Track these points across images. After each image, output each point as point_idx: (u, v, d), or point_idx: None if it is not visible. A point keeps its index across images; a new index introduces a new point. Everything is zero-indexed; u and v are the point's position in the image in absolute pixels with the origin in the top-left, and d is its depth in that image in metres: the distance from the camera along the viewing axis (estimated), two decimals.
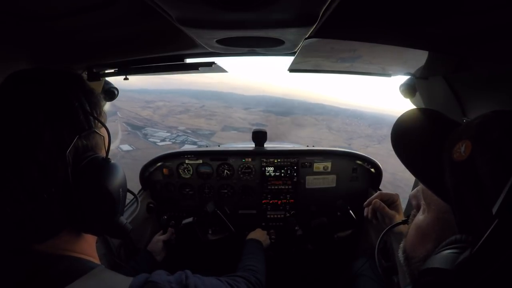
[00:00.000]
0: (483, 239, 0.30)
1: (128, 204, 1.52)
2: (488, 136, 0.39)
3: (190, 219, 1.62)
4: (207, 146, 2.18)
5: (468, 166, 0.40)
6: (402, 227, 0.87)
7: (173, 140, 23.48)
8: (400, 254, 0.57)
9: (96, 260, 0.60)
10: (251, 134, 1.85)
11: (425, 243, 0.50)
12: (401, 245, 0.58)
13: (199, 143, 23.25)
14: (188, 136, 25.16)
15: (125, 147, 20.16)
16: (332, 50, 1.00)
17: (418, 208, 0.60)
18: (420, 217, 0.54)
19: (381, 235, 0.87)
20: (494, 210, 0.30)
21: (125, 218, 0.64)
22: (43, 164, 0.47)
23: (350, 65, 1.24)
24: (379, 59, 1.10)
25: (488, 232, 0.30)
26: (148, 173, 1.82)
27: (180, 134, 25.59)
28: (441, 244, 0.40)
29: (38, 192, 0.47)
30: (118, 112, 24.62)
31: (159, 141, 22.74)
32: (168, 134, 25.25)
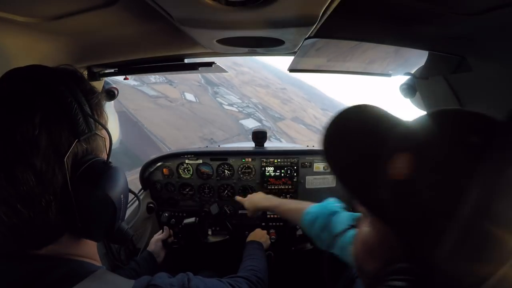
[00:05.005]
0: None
1: (129, 203, 1.51)
2: (431, 149, 0.33)
3: (192, 219, 1.61)
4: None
5: (410, 188, 0.33)
6: None
7: (241, 109, 21.98)
8: (353, 262, 0.52)
9: (98, 263, 0.59)
10: (319, 136, 1.83)
11: (373, 260, 0.45)
12: (352, 251, 0.53)
13: (264, 122, 21.66)
14: (257, 110, 23.55)
15: (190, 96, 18.78)
16: (333, 50, 1.00)
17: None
18: (365, 229, 0.48)
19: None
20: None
21: (126, 224, 0.62)
22: (40, 171, 0.45)
23: (350, 65, 1.24)
24: (379, 59, 1.10)
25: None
26: (148, 173, 1.82)
27: (250, 105, 24.07)
28: (388, 267, 0.37)
29: (34, 199, 0.45)
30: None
31: (226, 104, 21.21)
32: (239, 101, 23.77)
